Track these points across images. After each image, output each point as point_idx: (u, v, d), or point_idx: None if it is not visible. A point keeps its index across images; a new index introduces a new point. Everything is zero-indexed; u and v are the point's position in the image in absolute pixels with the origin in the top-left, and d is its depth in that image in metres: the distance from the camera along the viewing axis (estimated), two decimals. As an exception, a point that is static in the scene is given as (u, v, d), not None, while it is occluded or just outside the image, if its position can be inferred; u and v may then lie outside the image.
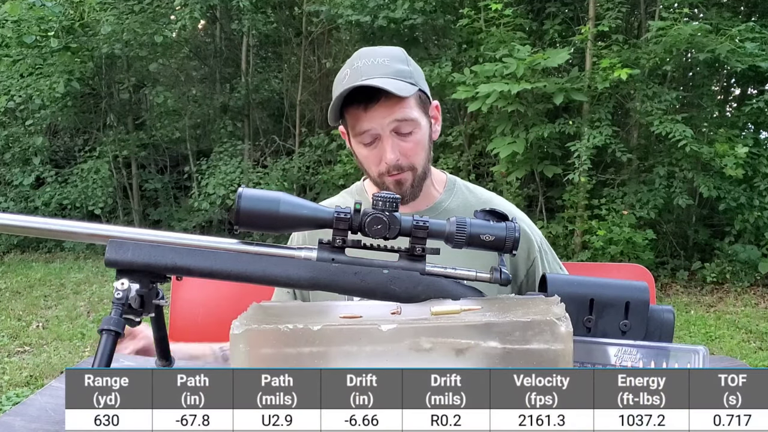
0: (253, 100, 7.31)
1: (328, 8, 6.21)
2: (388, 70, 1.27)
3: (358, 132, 1.30)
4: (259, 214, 0.94)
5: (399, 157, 1.28)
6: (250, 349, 0.84)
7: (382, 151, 1.28)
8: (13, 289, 5.60)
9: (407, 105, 1.28)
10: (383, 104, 1.26)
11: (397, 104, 1.26)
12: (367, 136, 1.29)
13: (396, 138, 1.28)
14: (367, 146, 1.31)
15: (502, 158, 5.28)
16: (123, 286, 0.94)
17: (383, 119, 1.26)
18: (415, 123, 1.29)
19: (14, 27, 6.36)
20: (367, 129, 1.28)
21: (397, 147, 1.28)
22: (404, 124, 1.28)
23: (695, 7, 5.95)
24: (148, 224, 7.31)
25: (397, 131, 1.28)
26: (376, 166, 1.31)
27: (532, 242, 1.41)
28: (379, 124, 1.27)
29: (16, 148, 7.16)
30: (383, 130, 1.27)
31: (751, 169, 5.26)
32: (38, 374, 3.72)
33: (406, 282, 0.96)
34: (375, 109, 1.26)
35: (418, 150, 1.31)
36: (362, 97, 1.26)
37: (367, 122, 1.27)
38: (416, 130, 1.30)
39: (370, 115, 1.27)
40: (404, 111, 1.27)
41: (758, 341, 4.33)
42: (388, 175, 1.30)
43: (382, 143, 1.28)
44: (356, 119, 1.29)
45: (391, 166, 1.28)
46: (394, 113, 1.26)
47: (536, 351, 0.83)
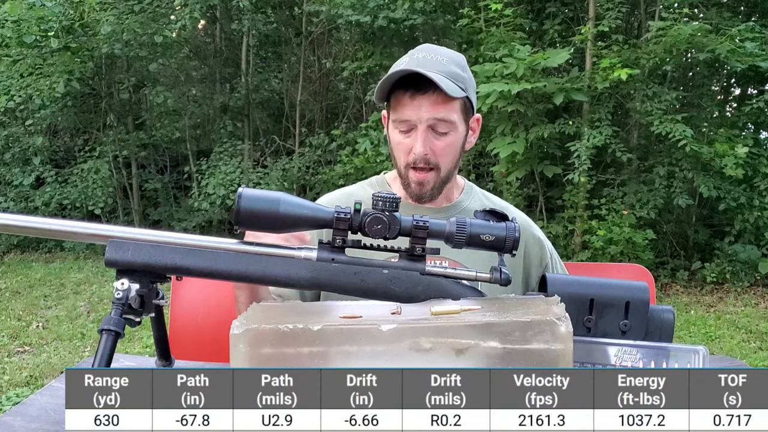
0: (253, 100, 7.30)
1: (328, 8, 6.20)
2: (445, 68, 1.28)
3: (397, 118, 1.31)
4: (259, 214, 0.94)
5: (428, 152, 1.29)
6: (250, 349, 0.84)
7: (414, 142, 1.29)
8: (13, 289, 5.60)
9: (451, 106, 1.29)
10: (429, 97, 1.27)
11: (442, 102, 1.27)
12: (404, 124, 1.30)
13: (431, 134, 1.29)
14: (402, 133, 1.32)
15: (502, 158, 5.28)
16: (123, 286, 0.94)
17: (425, 112, 1.28)
18: (453, 126, 1.30)
19: (14, 27, 6.35)
20: (407, 118, 1.29)
21: (429, 142, 1.29)
22: (442, 124, 1.29)
23: (695, 7, 5.95)
24: (148, 224, 7.31)
25: (433, 128, 1.29)
26: (405, 156, 1.32)
27: (545, 249, 1.44)
28: (419, 116, 1.28)
29: (16, 148, 7.15)
30: (421, 123, 1.28)
31: (751, 169, 5.25)
32: (38, 374, 3.72)
33: (406, 282, 0.96)
34: (420, 100, 1.27)
35: (449, 152, 1.32)
36: (412, 85, 1.27)
37: (409, 110, 1.28)
38: (452, 132, 1.31)
39: (414, 103, 1.28)
40: (446, 111, 1.28)
41: (758, 341, 4.32)
42: (414, 169, 1.31)
43: (417, 134, 1.29)
44: (400, 104, 1.30)
45: (418, 158, 1.29)
46: (436, 110, 1.27)
47: (536, 351, 0.83)
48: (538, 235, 1.45)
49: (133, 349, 4.03)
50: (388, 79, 1.28)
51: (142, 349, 4.02)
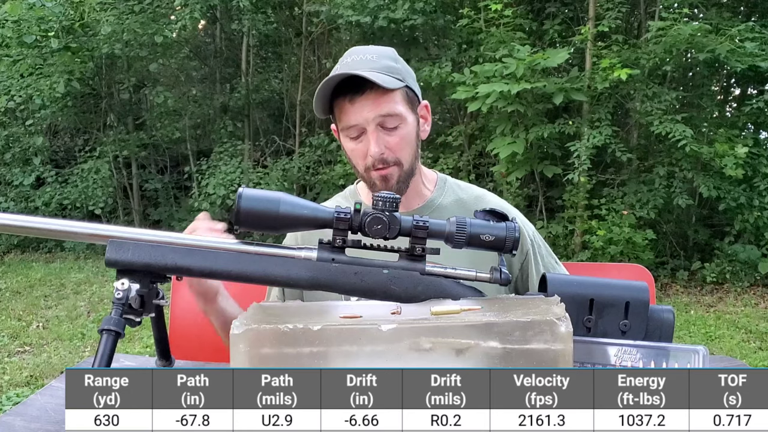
0: (253, 100, 7.31)
1: (328, 8, 6.21)
2: (376, 65, 1.27)
3: (344, 126, 1.30)
4: (259, 214, 0.94)
5: (384, 151, 1.28)
6: (250, 349, 0.84)
7: (367, 144, 1.28)
8: (13, 289, 5.60)
9: (393, 99, 1.28)
10: (369, 97, 1.26)
11: (382, 97, 1.26)
12: (353, 130, 1.29)
13: (381, 132, 1.28)
14: (353, 140, 1.31)
15: (502, 158, 5.28)
16: (123, 286, 0.94)
17: (369, 112, 1.27)
18: (401, 118, 1.29)
19: (14, 27, 6.35)
20: (353, 123, 1.28)
21: (383, 141, 1.28)
22: (389, 119, 1.28)
23: (695, 7, 5.94)
24: (148, 224, 7.31)
25: (382, 125, 1.28)
26: (362, 161, 1.31)
27: (524, 237, 1.41)
28: (365, 118, 1.27)
29: (17, 148, 7.16)
30: (368, 124, 1.27)
31: (751, 169, 5.25)
32: (38, 374, 3.72)
33: (406, 282, 0.96)
34: (360, 102, 1.26)
35: (404, 145, 1.31)
36: (348, 90, 1.26)
37: (353, 115, 1.28)
38: (402, 125, 1.30)
39: (356, 107, 1.27)
40: (389, 105, 1.27)
41: (758, 341, 4.32)
42: (374, 170, 1.30)
43: (368, 137, 1.28)
44: (343, 112, 1.29)
45: (376, 159, 1.28)
46: (380, 107, 1.27)
47: (536, 351, 0.83)
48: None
49: (133, 349, 4.03)
50: (323, 89, 1.27)
51: (142, 349, 4.02)
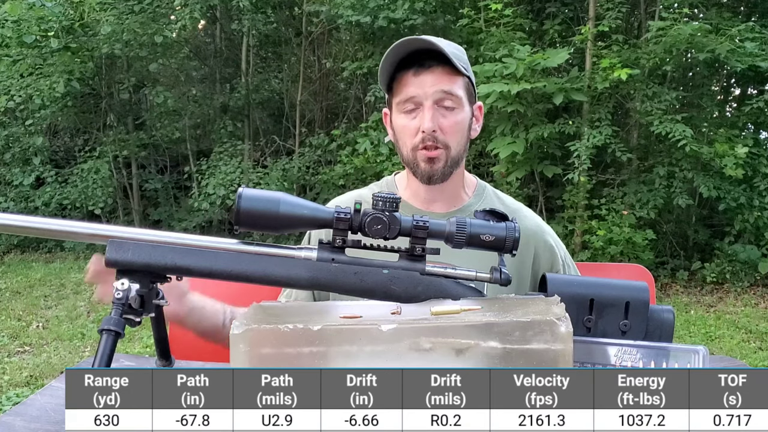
0: (253, 100, 7.30)
1: (328, 8, 6.21)
2: (448, 47, 1.26)
3: (402, 98, 1.28)
4: (259, 214, 0.94)
5: (436, 128, 1.26)
6: (250, 349, 0.84)
7: (421, 119, 1.26)
8: (13, 289, 5.60)
9: (456, 81, 1.27)
10: (434, 72, 1.25)
11: (446, 76, 1.25)
12: (410, 102, 1.27)
13: (438, 110, 1.27)
14: (407, 114, 1.28)
15: (502, 158, 5.28)
16: (123, 286, 0.94)
17: (430, 86, 1.25)
18: (460, 101, 1.28)
19: (14, 27, 6.35)
20: (412, 94, 1.26)
21: (437, 119, 1.26)
22: (448, 98, 1.26)
23: (695, 7, 5.95)
24: (148, 224, 7.31)
25: (439, 103, 1.26)
26: (411, 138, 1.28)
27: (556, 257, 1.40)
28: (425, 91, 1.25)
29: (16, 148, 7.16)
30: (427, 98, 1.26)
31: (751, 169, 5.26)
32: (38, 374, 3.72)
33: (406, 282, 0.96)
34: (424, 76, 1.25)
35: (457, 130, 1.29)
36: (414, 62, 1.25)
37: (414, 87, 1.26)
38: (459, 109, 1.28)
39: (419, 79, 1.25)
40: (452, 85, 1.26)
41: (758, 341, 4.33)
42: (422, 148, 1.27)
43: (423, 112, 1.26)
44: (403, 83, 1.27)
45: (427, 134, 1.26)
46: (442, 83, 1.25)
47: (536, 351, 0.83)
48: (550, 243, 1.40)
49: (133, 349, 4.03)
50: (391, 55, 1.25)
51: (142, 349, 4.02)
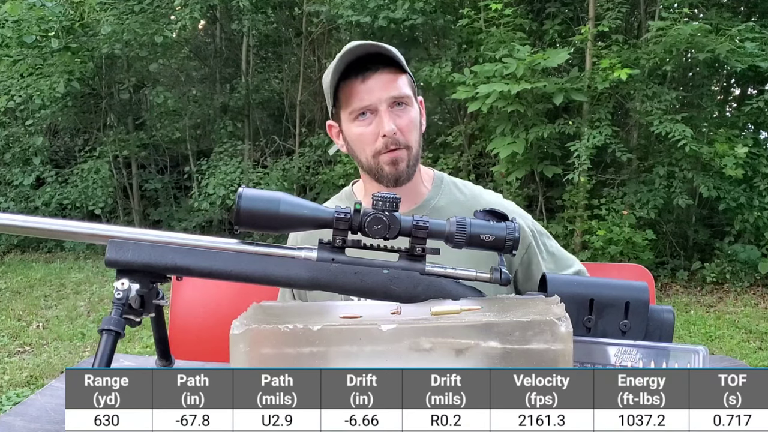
0: (253, 100, 7.31)
1: (328, 8, 6.20)
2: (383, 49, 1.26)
3: (354, 108, 1.27)
4: (259, 214, 0.94)
5: (396, 131, 1.26)
6: (250, 349, 0.84)
7: (380, 124, 1.26)
8: (13, 289, 5.60)
9: (402, 82, 1.28)
10: (380, 76, 1.25)
11: (394, 78, 1.26)
12: (364, 110, 1.27)
13: (393, 113, 1.27)
14: (362, 123, 1.28)
15: (502, 158, 5.28)
16: (123, 286, 0.94)
17: (382, 92, 1.25)
18: (410, 100, 1.29)
19: (14, 27, 6.35)
20: (366, 103, 1.26)
21: (394, 121, 1.26)
22: (400, 99, 1.27)
23: (695, 7, 5.94)
24: (148, 224, 7.31)
25: (393, 106, 1.27)
26: (371, 145, 1.28)
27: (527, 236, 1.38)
28: (377, 97, 1.25)
29: (17, 148, 7.16)
30: (381, 104, 1.26)
31: (751, 169, 5.25)
32: (38, 374, 3.72)
33: (406, 282, 0.96)
34: (372, 81, 1.25)
35: (412, 128, 1.30)
36: (359, 70, 1.25)
37: (366, 94, 1.26)
38: (411, 107, 1.29)
39: (368, 86, 1.25)
40: (401, 87, 1.27)
41: (758, 341, 4.32)
42: (385, 152, 1.27)
43: (379, 117, 1.26)
44: (353, 94, 1.27)
45: (389, 138, 1.26)
46: (391, 88, 1.26)
47: (536, 351, 0.83)
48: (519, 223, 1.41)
49: (133, 349, 4.03)
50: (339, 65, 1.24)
51: (142, 349, 4.02)
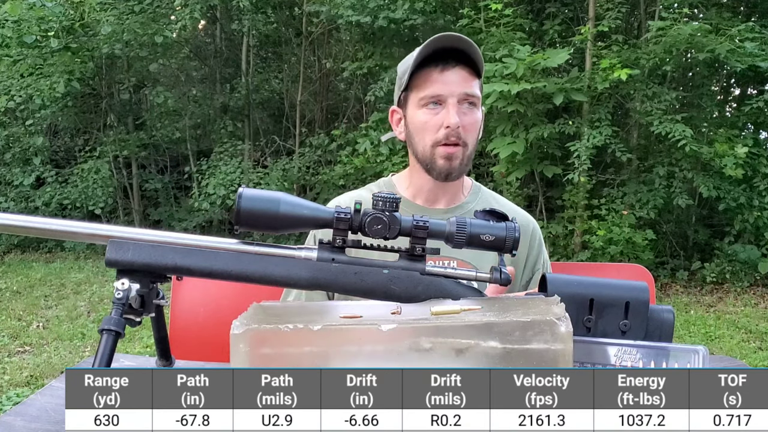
0: (253, 101, 7.31)
1: (328, 8, 6.21)
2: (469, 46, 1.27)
3: (426, 94, 1.29)
4: (260, 214, 0.94)
5: (460, 125, 1.27)
6: (251, 349, 0.84)
7: (445, 116, 1.27)
8: (13, 289, 5.60)
9: (476, 83, 1.29)
10: (458, 72, 1.26)
11: (470, 77, 1.27)
12: (434, 99, 1.28)
13: (460, 108, 1.28)
14: (429, 111, 1.29)
15: (502, 158, 5.28)
16: (123, 286, 0.94)
17: (457, 86, 1.27)
18: (479, 101, 1.30)
19: (14, 27, 6.35)
20: (438, 92, 1.27)
21: (461, 115, 1.28)
22: (471, 99, 1.28)
23: (695, 7, 5.95)
24: (148, 224, 7.31)
25: (462, 103, 1.28)
26: (433, 133, 1.29)
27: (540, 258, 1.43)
28: (451, 90, 1.27)
29: (17, 148, 7.16)
30: (452, 96, 1.27)
31: (750, 169, 5.26)
32: (38, 374, 3.72)
33: (406, 282, 0.96)
34: (449, 74, 1.26)
35: (475, 128, 1.31)
36: (440, 60, 1.26)
37: (440, 84, 1.27)
38: (477, 109, 1.30)
39: (444, 77, 1.26)
40: (474, 87, 1.28)
41: (758, 341, 4.32)
42: (443, 145, 1.29)
43: (447, 108, 1.27)
44: (428, 80, 1.28)
45: (452, 131, 1.27)
46: (466, 85, 1.27)
47: (536, 351, 0.83)
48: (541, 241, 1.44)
49: (133, 349, 4.03)
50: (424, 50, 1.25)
51: (143, 349, 4.02)
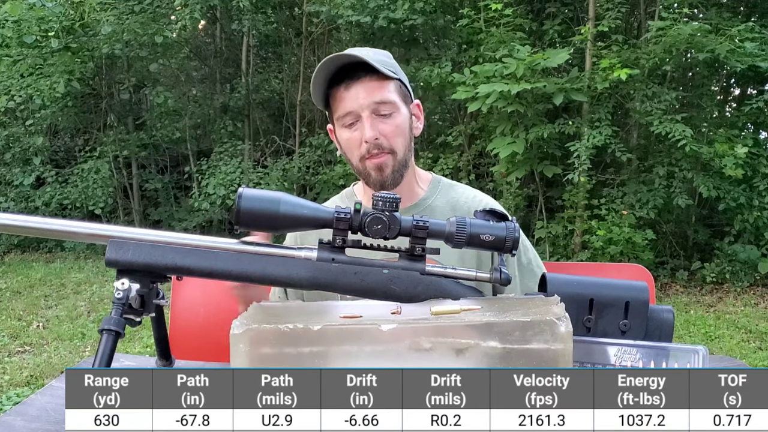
0: (253, 101, 7.30)
1: (328, 8, 6.20)
2: (371, 55, 1.29)
3: (340, 114, 1.32)
4: (260, 214, 0.94)
5: (378, 136, 1.29)
6: (250, 349, 0.84)
7: (362, 131, 1.30)
8: (13, 289, 5.60)
9: (387, 88, 1.30)
10: (364, 83, 1.28)
11: (377, 85, 1.29)
12: (348, 117, 1.31)
13: (376, 119, 1.30)
14: (348, 128, 1.32)
15: (502, 158, 5.28)
16: (123, 286, 0.94)
17: (364, 99, 1.28)
18: (395, 106, 1.31)
19: (14, 27, 6.35)
20: (348, 109, 1.30)
21: (377, 126, 1.30)
22: (383, 106, 1.30)
23: (695, 7, 5.94)
24: (148, 224, 7.31)
25: (376, 112, 1.30)
26: (357, 149, 1.32)
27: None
28: (359, 104, 1.29)
29: (17, 148, 7.16)
30: (363, 110, 1.29)
31: (750, 169, 5.25)
32: (38, 374, 3.72)
33: (406, 282, 0.96)
34: (355, 88, 1.28)
35: (398, 133, 1.32)
36: (344, 77, 1.28)
37: (349, 101, 1.29)
38: (396, 113, 1.31)
39: (351, 93, 1.29)
40: (384, 93, 1.29)
41: (758, 341, 4.32)
42: (369, 158, 1.31)
43: (362, 123, 1.30)
44: (338, 100, 1.31)
45: (370, 144, 1.29)
46: (375, 93, 1.29)
47: (536, 351, 0.83)
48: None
49: (133, 349, 4.03)
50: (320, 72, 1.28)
51: (143, 349, 4.02)
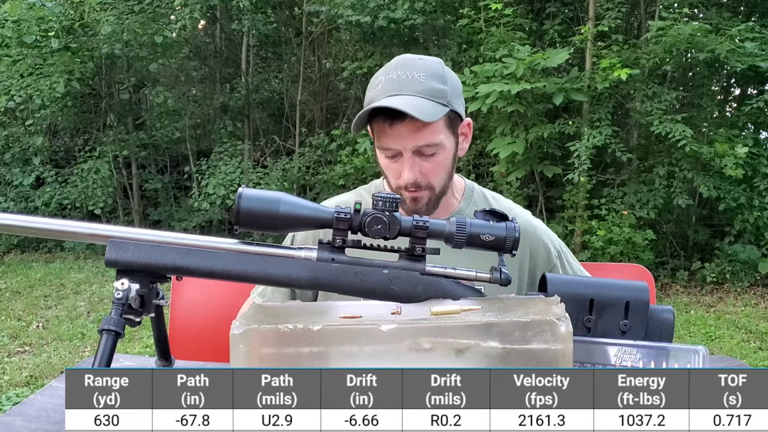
0: (253, 100, 7.30)
1: (328, 8, 6.21)
2: (421, 87, 1.23)
3: (381, 146, 1.29)
4: (259, 214, 0.94)
5: (417, 177, 1.27)
6: (250, 349, 0.84)
7: (402, 166, 1.27)
8: (13, 289, 5.60)
9: (433, 129, 1.24)
10: (408, 125, 1.22)
11: (422, 127, 1.23)
12: (389, 151, 1.28)
13: (417, 158, 1.26)
14: (388, 158, 1.29)
15: (502, 158, 5.28)
16: (123, 286, 0.94)
17: (407, 141, 1.24)
18: (439, 146, 1.27)
19: (14, 27, 6.35)
20: (390, 146, 1.26)
21: (417, 167, 1.26)
22: (427, 148, 1.26)
23: (695, 7, 5.94)
24: (148, 224, 7.31)
25: (418, 153, 1.26)
26: (395, 179, 1.30)
27: (551, 254, 1.42)
28: (402, 145, 1.25)
29: (16, 148, 7.15)
30: (405, 151, 1.25)
31: (751, 169, 5.25)
32: (38, 374, 3.72)
33: (406, 282, 0.96)
34: (399, 129, 1.23)
35: (439, 170, 1.29)
36: (389, 113, 1.23)
37: (392, 139, 1.25)
38: (439, 152, 1.28)
39: (394, 132, 1.24)
40: (428, 136, 1.24)
41: (758, 341, 4.32)
42: (406, 190, 1.29)
43: (403, 160, 1.27)
44: (381, 133, 1.27)
45: (408, 183, 1.27)
46: (417, 138, 1.24)
47: (536, 351, 0.83)
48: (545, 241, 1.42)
49: (133, 349, 4.03)
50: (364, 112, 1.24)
51: (142, 349, 4.02)
